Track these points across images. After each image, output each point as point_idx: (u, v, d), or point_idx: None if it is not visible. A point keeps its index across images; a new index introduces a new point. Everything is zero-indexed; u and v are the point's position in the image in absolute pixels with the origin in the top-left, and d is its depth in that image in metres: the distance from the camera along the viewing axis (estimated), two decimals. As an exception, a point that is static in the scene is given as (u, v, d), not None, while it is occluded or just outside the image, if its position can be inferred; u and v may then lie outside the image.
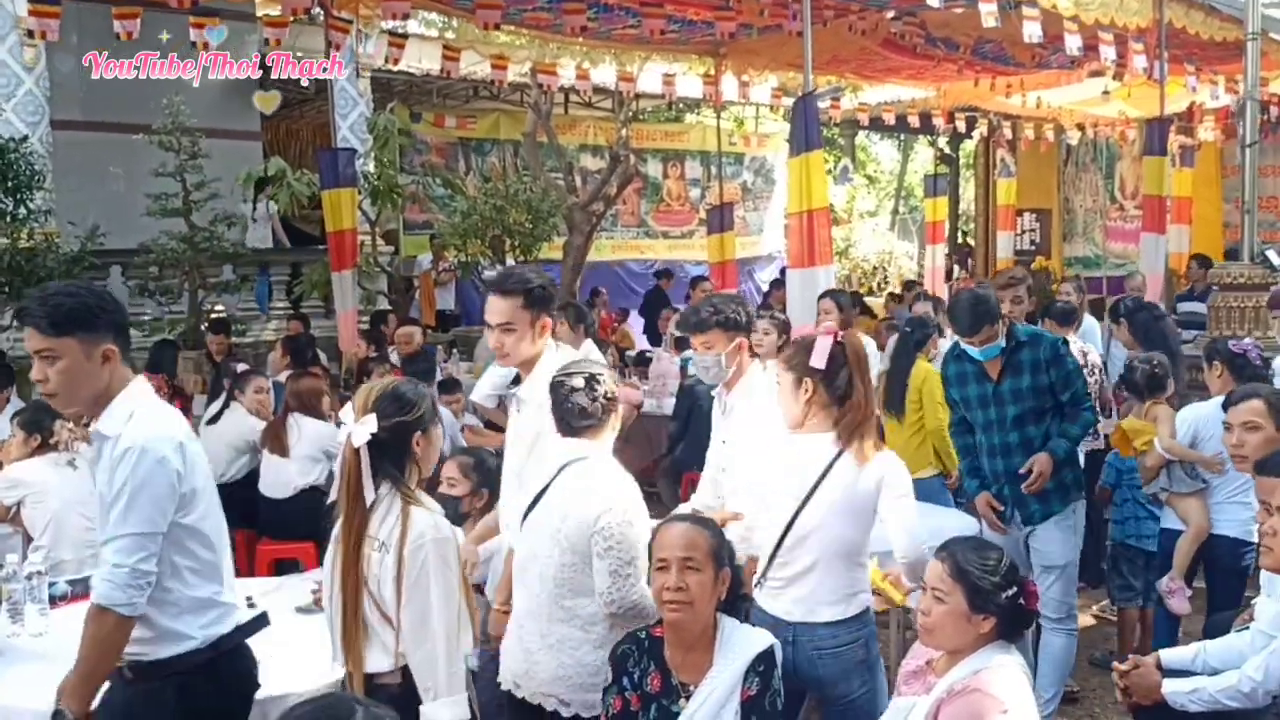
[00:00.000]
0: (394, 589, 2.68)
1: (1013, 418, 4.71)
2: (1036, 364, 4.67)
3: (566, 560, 3.12)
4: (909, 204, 31.74)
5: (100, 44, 11.06)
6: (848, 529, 3.25)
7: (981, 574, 2.74)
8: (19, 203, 8.37)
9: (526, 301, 3.56)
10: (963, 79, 13.40)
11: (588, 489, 3.13)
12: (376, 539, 2.74)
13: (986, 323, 4.63)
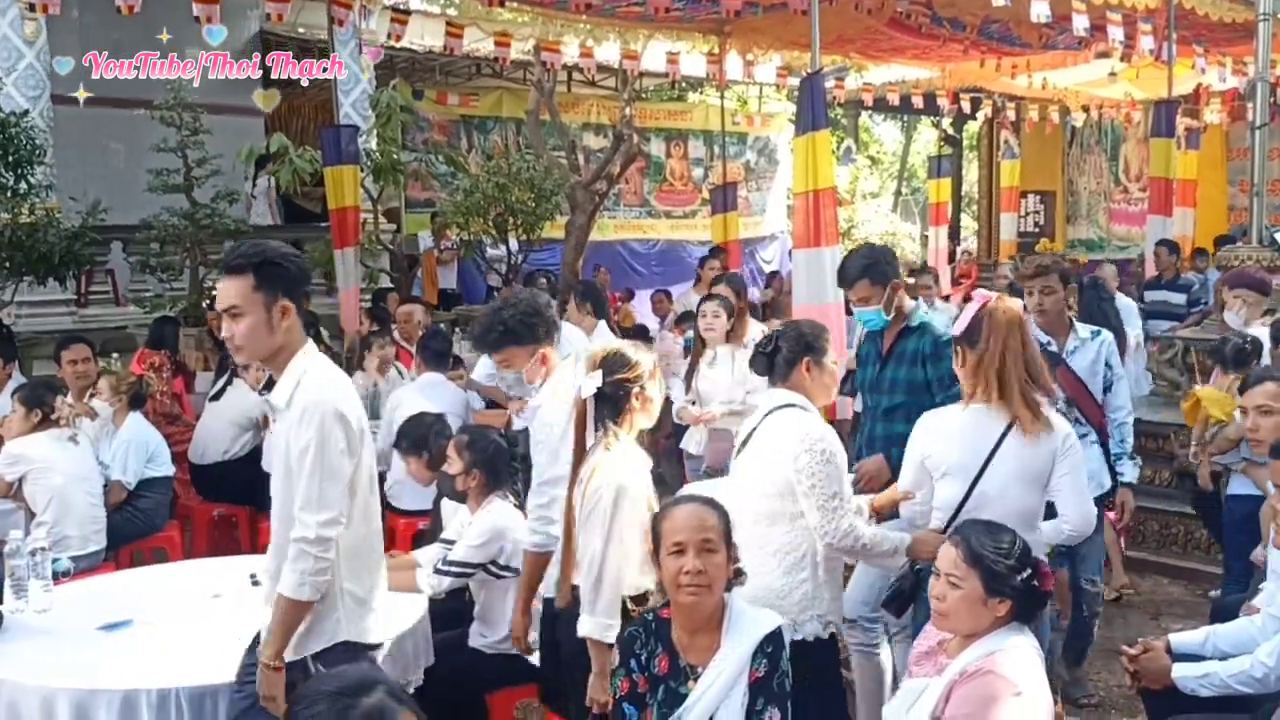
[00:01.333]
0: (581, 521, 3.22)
1: (884, 409, 4.40)
2: (916, 356, 4.33)
3: (768, 492, 3.40)
4: (911, 185, 31.67)
5: (102, 19, 11.00)
6: (1025, 496, 3.39)
7: (996, 558, 2.72)
8: (20, 177, 8.31)
9: (259, 281, 2.95)
10: (968, 59, 13.32)
11: (788, 430, 3.39)
12: (579, 476, 3.27)
13: (866, 278, 4.30)
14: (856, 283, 4.33)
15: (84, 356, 6.24)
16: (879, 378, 4.44)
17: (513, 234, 11.35)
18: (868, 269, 4.32)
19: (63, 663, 3.33)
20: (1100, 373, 4.62)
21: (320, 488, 2.87)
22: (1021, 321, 3.46)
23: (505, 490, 4.20)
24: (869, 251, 4.46)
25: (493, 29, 12.39)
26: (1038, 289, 4.66)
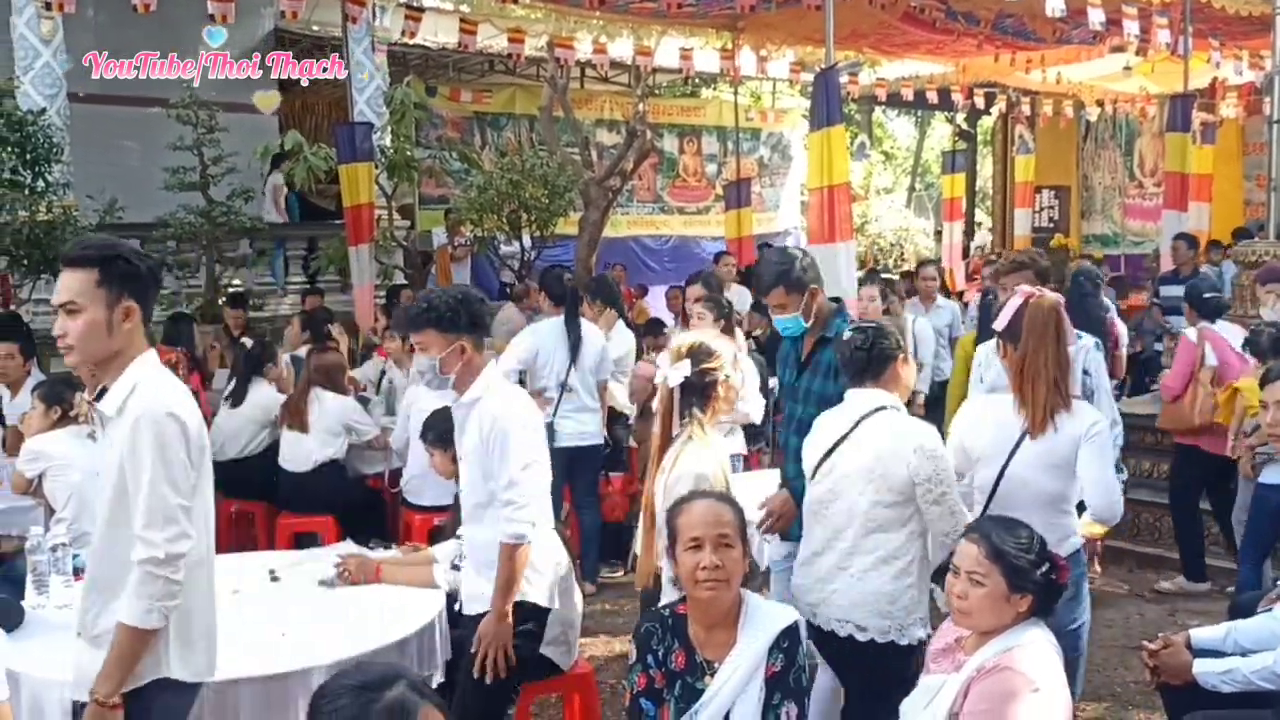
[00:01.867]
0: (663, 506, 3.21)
1: (799, 419, 4.11)
2: (829, 369, 4.08)
3: (883, 499, 3.42)
4: (925, 181, 31.59)
5: (117, 18, 11.05)
6: (1052, 481, 3.53)
7: (1018, 553, 2.72)
8: (37, 175, 8.36)
9: (103, 277, 2.76)
10: (982, 54, 13.28)
11: (895, 434, 3.46)
12: (662, 464, 3.38)
13: (781, 285, 4.07)
14: (772, 290, 4.12)
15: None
16: (795, 386, 4.27)
17: (526, 230, 11.38)
18: (782, 276, 4.10)
19: (84, 658, 3.34)
20: (1079, 380, 4.34)
21: (163, 502, 2.66)
22: (1059, 318, 3.57)
23: None
24: (785, 258, 4.20)
25: (506, 25, 12.39)
26: (1011, 286, 4.37)
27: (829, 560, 3.49)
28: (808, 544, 3.61)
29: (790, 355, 4.34)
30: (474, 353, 3.61)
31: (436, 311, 3.56)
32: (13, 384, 6.46)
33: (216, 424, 6.82)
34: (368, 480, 6.77)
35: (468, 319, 3.58)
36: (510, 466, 3.49)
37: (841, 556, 3.45)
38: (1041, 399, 3.48)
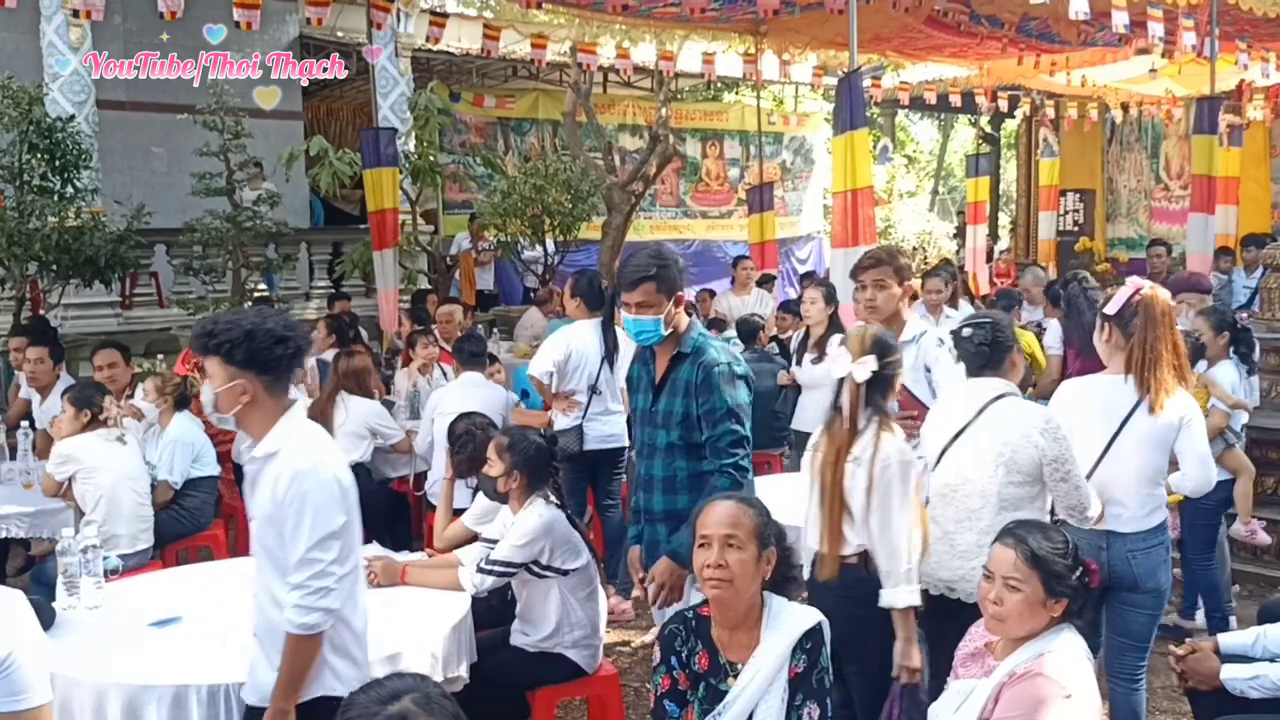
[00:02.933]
0: (863, 497, 3.30)
1: (663, 445, 3.79)
2: (688, 386, 3.71)
3: (1013, 479, 3.59)
4: (948, 184, 31.47)
5: (144, 24, 11.17)
6: (1152, 457, 3.82)
7: (1055, 558, 2.71)
8: (66, 181, 8.46)
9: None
10: (1006, 57, 13.22)
11: (1022, 418, 3.64)
12: (854, 455, 3.37)
13: (653, 282, 3.67)
14: (642, 284, 3.67)
15: (111, 361, 6.30)
16: (652, 410, 3.82)
17: (549, 235, 11.41)
18: (659, 272, 3.69)
19: (114, 659, 3.38)
20: (923, 380, 4.28)
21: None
22: (1169, 309, 3.87)
23: (546, 490, 4.22)
24: (661, 255, 3.79)
25: (529, 31, 12.43)
26: (870, 282, 4.29)
27: (967, 539, 3.64)
28: (937, 525, 3.70)
29: (643, 379, 3.93)
30: (263, 396, 2.98)
31: (217, 339, 2.94)
32: (43, 388, 6.54)
33: (244, 427, 6.87)
34: (393, 484, 6.80)
35: (247, 355, 2.92)
36: (302, 541, 2.86)
37: (979, 535, 3.57)
38: (1164, 381, 3.75)
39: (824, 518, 3.41)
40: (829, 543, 3.38)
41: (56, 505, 5.27)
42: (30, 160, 8.27)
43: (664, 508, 3.78)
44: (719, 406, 3.65)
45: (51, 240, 8.17)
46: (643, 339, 3.78)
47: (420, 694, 1.98)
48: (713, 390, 3.65)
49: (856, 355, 3.42)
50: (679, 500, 3.74)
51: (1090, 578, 2.75)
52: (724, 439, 3.64)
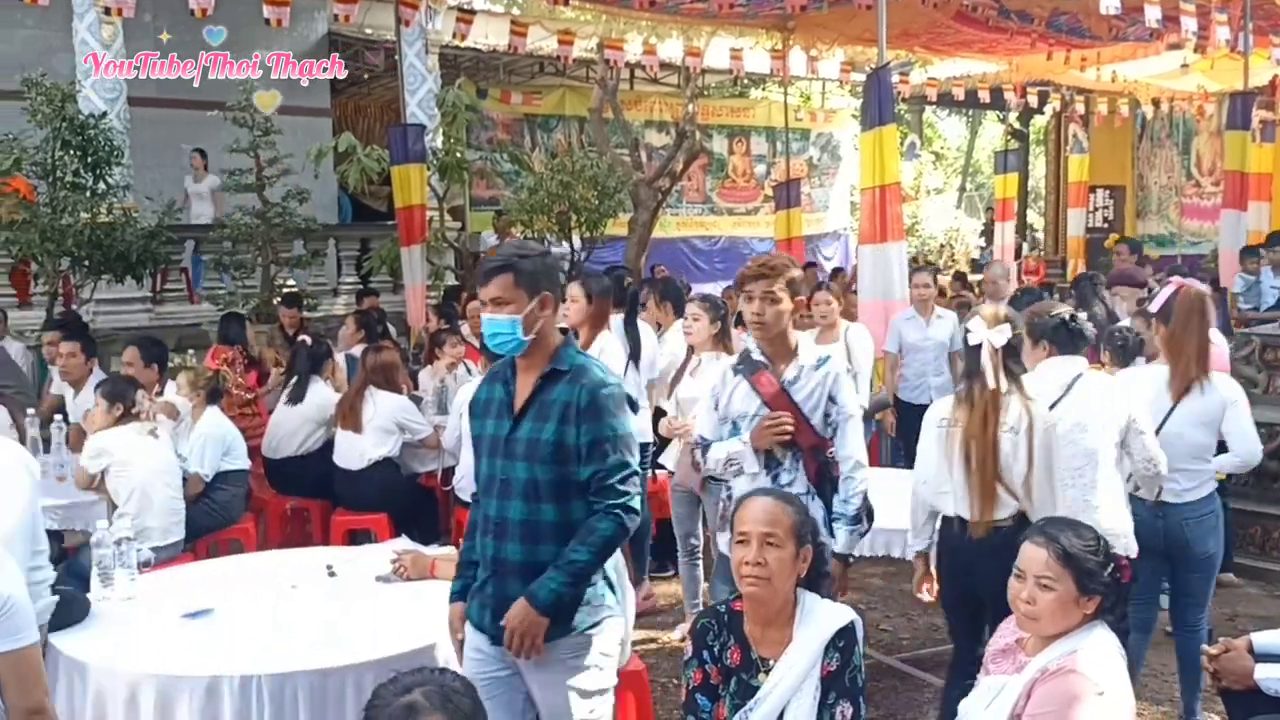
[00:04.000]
0: (1024, 465, 3.58)
1: (524, 481, 3.03)
2: (567, 409, 3.02)
3: (1110, 439, 4.01)
4: (976, 181, 31.30)
5: (174, 21, 11.25)
6: (1200, 436, 4.38)
7: (1086, 555, 2.69)
8: (98, 178, 8.54)
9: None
10: (1036, 52, 13.14)
11: (1110, 389, 4.14)
12: (1004, 425, 3.61)
13: (510, 274, 3.05)
14: (497, 275, 3.06)
15: (128, 360, 6.35)
16: (510, 438, 3.06)
17: (576, 231, 11.42)
18: (519, 263, 3.07)
19: (148, 650, 3.40)
20: (821, 407, 3.76)
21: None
22: (1204, 304, 4.35)
23: None
24: (526, 247, 3.27)
25: (556, 27, 12.46)
26: (758, 294, 3.72)
27: (1072, 495, 3.91)
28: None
29: (494, 400, 3.16)
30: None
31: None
32: (75, 382, 6.60)
33: (274, 421, 6.91)
34: (421, 478, 6.83)
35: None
36: None
37: (1085, 491, 3.95)
38: (1189, 366, 4.35)
39: (978, 484, 3.63)
40: (984, 507, 3.62)
41: (89, 498, 5.32)
42: (63, 157, 8.36)
43: (521, 559, 3.01)
44: (607, 435, 2.99)
45: (84, 236, 8.26)
46: (497, 344, 3.10)
47: (435, 686, 2.03)
48: (599, 416, 2.99)
49: (991, 324, 3.67)
50: (540, 551, 2.99)
51: (1122, 574, 2.73)
52: (614, 474, 2.98)
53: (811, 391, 3.76)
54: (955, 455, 3.67)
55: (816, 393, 3.76)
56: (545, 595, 2.91)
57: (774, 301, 3.74)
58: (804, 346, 3.88)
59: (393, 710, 2.00)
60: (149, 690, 3.16)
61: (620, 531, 3.01)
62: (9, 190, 8.21)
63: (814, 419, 3.75)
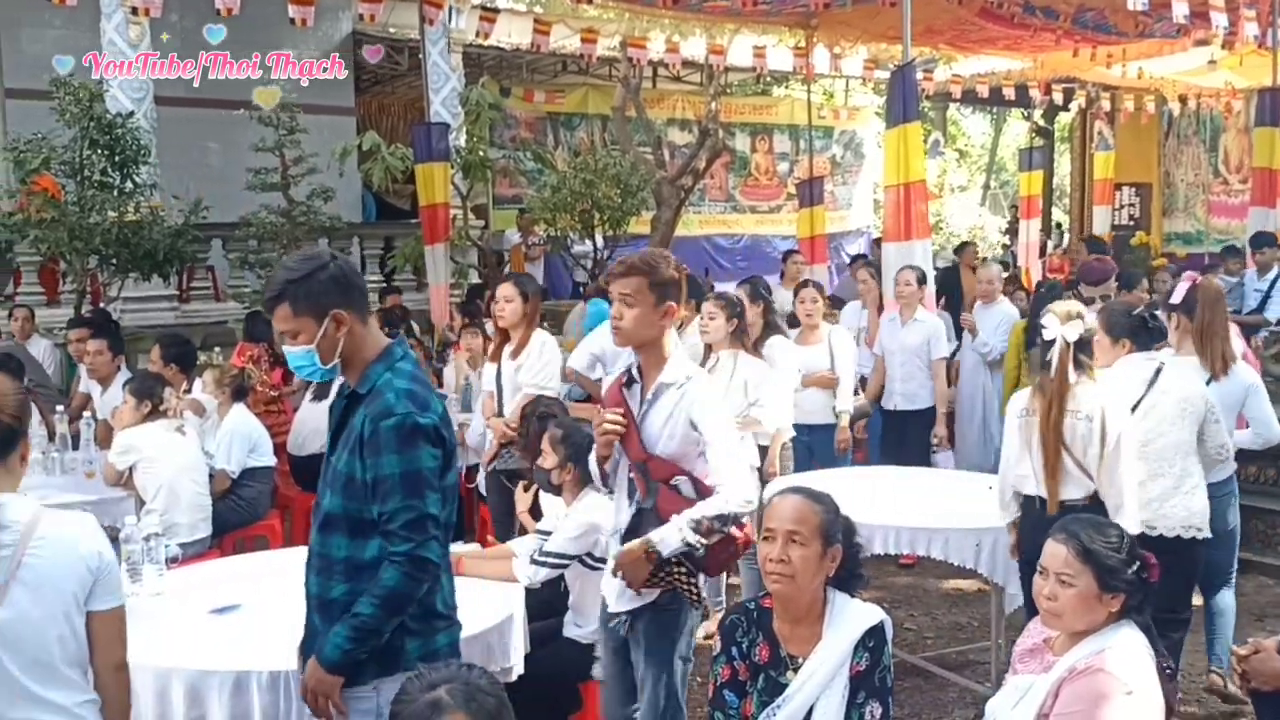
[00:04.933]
0: (1098, 448, 3.91)
1: (324, 513, 2.85)
2: (358, 440, 2.75)
3: (1192, 429, 4.38)
4: (1000, 179, 31.14)
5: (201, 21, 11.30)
6: (1225, 420, 4.58)
7: (1107, 552, 2.68)
8: (126, 177, 8.60)
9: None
10: (1061, 49, 13.05)
11: (1190, 380, 4.54)
12: (1079, 412, 3.95)
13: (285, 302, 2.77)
14: (275, 309, 2.79)
15: (152, 358, 6.39)
16: (328, 462, 2.90)
17: (599, 230, 11.43)
18: (291, 288, 2.76)
19: (176, 644, 3.43)
20: (680, 435, 3.29)
21: None
22: (1223, 294, 4.81)
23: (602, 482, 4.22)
24: (305, 261, 2.85)
25: (579, 26, 12.47)
26: (616, 295, 3.31)
27: (1163, 484, 4.34)
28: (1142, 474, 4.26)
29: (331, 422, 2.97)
30: None
31: None
32: (103, 379, 6.66)
33: (299, 419, 6.95)
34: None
35: None
36: None
37: (1176, 479, 4.34)
38: (1220, 352, 4.72)
39: (1047, 467, 3.99)
40: (1054, 488, 3.99)
41: (118, 494, 5.36)
42: (91, 156, 8.41)
43: (317, 592, 2.85)
44: (387, 473, 2.69)
45: (111, 234, 8.32)
46: (306, 375, 2.92)
47: (460, 683, 2.04)
48: (379, 450, 2.69)
49: (1064, 321, 3.99)
50: (333, 588, 2.79)
51: (1149, 572, 2.71)
52: (396, 519, 2.69)
53: (670, 413, 3.30)
54: (1034, 441, 4.03)
55: (674, 416, 3.29)
56: (331, 654, 2.69)
57: (631, 304, 3.28)
58: (674, 362, 3.36)
59: (418, 706, 2.02)
60: (178, 684, 3.18)
61: (408, 583, 2.69)
62: (38, 189, 8.27)
63: (665, 445, 3.29)
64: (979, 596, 6.18)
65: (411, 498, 2.69)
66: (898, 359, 7.04)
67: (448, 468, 2.80)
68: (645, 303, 3.27)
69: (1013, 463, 4.20)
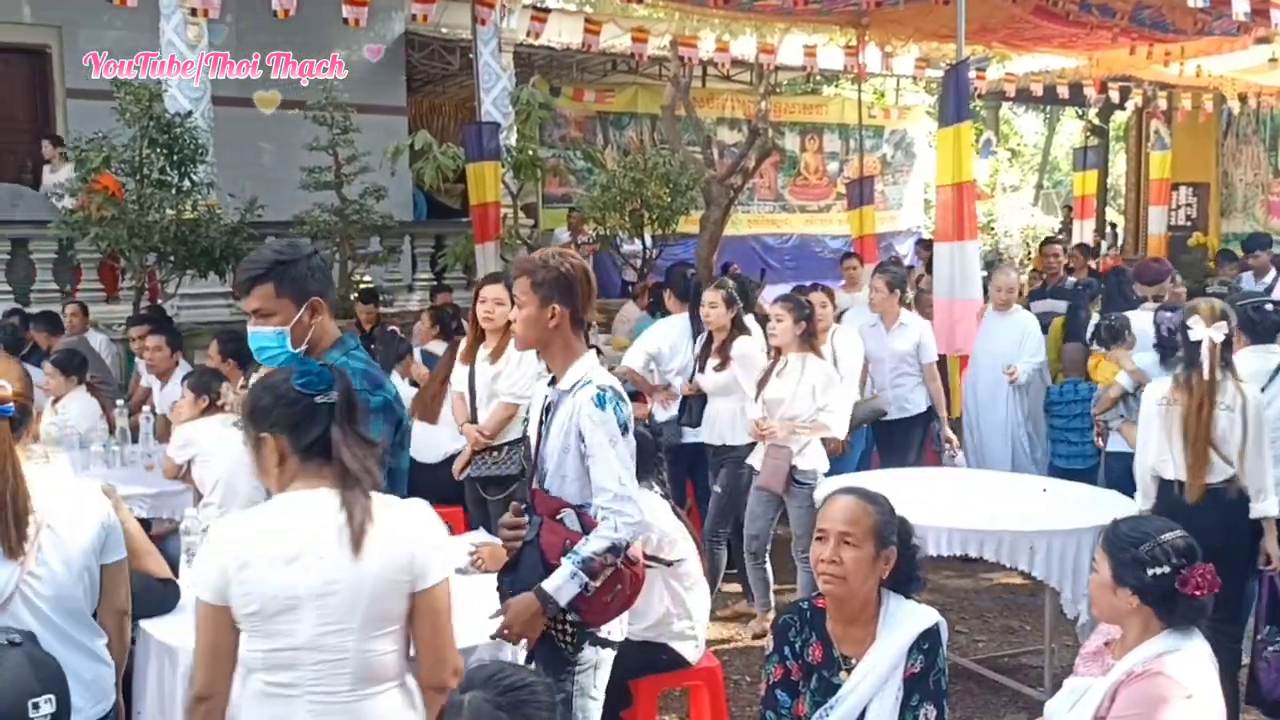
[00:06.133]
0: (1239, 437, 4.22)
1: None
2: None
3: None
4: (1053, 178, 30.78)
5: (256, 23, 11.46)
6: None
7: (1123, 546, 2.66)
8: (184, 176, 8.73)
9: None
10: (1117, 47, 12.88)
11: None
12: (1222, 404, 4.23)
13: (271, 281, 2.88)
14: (257, 287, 2.88)
15: (210, 354, 6.48)
16: None
17: (648, 229, 11.45)
18: (278, 270, 2.88)
19: (235, 635, 3.48)
20: (573, 449, 3.08)
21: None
22: None
23: (650, 481, 4.24)
24: (289, 249, 2.98)
25: (630, 25, 12.48)
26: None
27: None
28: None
29: None
30: None
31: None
32: (162, 375, 6.77)
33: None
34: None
35: None
36: None
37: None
38: None
39: (1194, 456, 4.25)
40: (1199, 474, 4.25)
41: (176, 487, 5.45)
42: (150, 155, 8.55)
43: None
44: None
45: (169, 232, 8.45)
46: (267, 359, 2.92)
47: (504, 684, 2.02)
48: None
49: (1209, 322, 4.22)
50: None
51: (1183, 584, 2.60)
52: None
53: (564, 424, 3.09)
54: (1174, 429, 4.30)
55: (567, 426, 3.08)
56: None
57: (518, 305, 3.15)
58: (574, 368, 3.13)
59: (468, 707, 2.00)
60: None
61: None
62: (99, 188, 8.42)
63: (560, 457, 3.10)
64: (1030, 600, 6.12)
65: None
66: (886, 366, 6.87)
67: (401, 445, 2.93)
68: (530, 304, 3.11)
69: (1152, 449, 4.43)
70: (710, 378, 6.05)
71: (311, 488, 2.36)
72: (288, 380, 2.38)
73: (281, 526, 2.34)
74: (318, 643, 2.31)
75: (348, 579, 2.31)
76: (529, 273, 3.10)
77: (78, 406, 6.33)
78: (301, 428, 2.35)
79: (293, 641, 2.31)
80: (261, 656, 2.34)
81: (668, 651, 4.08)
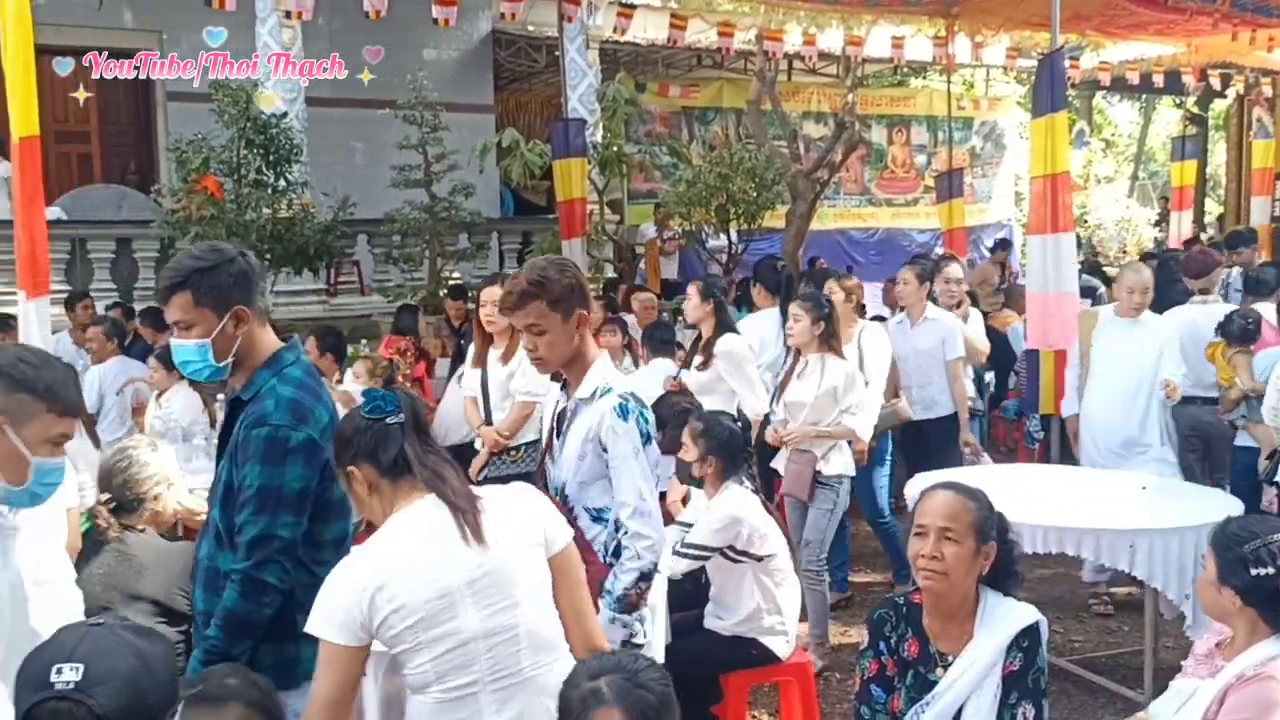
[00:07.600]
0: None
1: (211, 523, 2.79)
2: (250, 448, 2.63)
3: None
4: (1149, 169, 30.00)
5: (349, 25, 11.67)
6: None
7: (1229, 544, 2.61)
8: (279, 175, 8.94)
9: None
10: (1218, 33, 12.49)
11: None
12: None
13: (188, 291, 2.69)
14: (173, 296, 2.69)
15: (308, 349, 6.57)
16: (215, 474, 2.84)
17: (734, 224, 11.43)
18: (195, 277, 2.69)
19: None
20: (589, 457, 3.00)
21: None
22: None
23: (741, 475, 4.24)
24: (209, 253, 2.76)
25: (715, 20, 12.46)
26: (520, 328, 3.03)
27: None
28: None
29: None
30: None
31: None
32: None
33: (441, 410, 7.10)
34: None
35: None
36: None
37: None
38: None
39: None
40: None
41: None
42: (247, 156, 8.77)
43: (204, 608, 2.74)
44: (246, 484, 2.61)
45: (266, 231, 8.67)
46: (192, 372, 2.75)
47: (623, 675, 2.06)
48: (245, 460, 2.62)
49: None
50: (200, 598, 2.77)
51: None
52: (243, 532, 2.61)
53: (584, 433, 2.99)
54: None
55: (588, 436, 2.98)
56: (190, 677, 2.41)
57: (540, 331, 2.97)
58: (593, 373, 3.03)
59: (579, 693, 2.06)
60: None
61: (243, 604, 2.58)
62: (199, 188, 8.66)
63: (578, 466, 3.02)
64: (1128, 599, 5.99)
65: (260, 514, 2.60)
66: (911, 364, 6.44)
67: (327, 480, 2.65)
68: (553, 323, 2.96)
69: None
70: (694, 376, 5.90)
71: (411, 503, 2.39)
72: (357, 411, 2.42)
73: (404, 542, 2.33)
74: (488, 626, 2.31)
75: (488, 562, 2.33)
76: (537, 296, 2.94)
77: (180, 400, 6.50)
78: (380, 450, 2.37)
79: (462, 637, 2.29)
80: (431, 667, 2.29)
81: (758, 646, 4.07)
